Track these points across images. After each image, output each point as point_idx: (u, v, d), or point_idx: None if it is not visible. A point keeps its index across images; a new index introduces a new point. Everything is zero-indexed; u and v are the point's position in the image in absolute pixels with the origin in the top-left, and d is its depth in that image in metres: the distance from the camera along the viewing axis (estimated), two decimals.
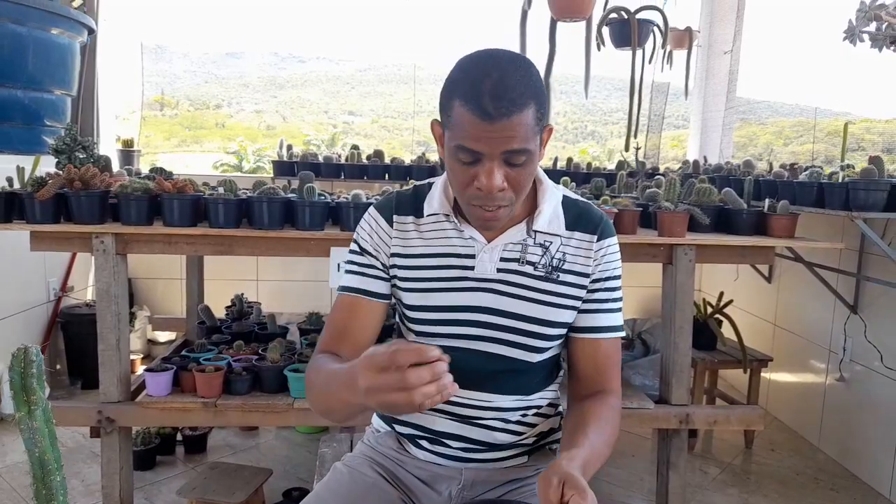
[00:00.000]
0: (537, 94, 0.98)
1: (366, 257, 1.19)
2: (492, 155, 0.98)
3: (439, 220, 1.18)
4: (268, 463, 2.68)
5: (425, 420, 1.21)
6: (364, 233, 1.21)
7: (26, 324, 3.29)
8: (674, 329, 2.25)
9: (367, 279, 1.18)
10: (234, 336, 2.63)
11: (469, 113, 0.96)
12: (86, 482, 2.53)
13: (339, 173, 3.71)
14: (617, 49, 3.20)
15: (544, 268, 1.15)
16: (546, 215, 1.15)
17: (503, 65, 0.97)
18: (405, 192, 1.23)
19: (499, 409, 1.18)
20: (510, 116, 0.95)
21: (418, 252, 1.17)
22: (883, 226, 2.59)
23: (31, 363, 0.59)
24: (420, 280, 1.16)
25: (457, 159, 1.02)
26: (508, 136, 0.96)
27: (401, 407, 0.82)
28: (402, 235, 1.19)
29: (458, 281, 1.15)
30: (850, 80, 3.82)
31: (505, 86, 0.95)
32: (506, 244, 1.15)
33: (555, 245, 1.16)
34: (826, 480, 2.80)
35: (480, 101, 0.95)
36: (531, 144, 0.99)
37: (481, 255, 1.14)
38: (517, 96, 0.95)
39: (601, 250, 1.16)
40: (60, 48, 3.47)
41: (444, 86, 1.02)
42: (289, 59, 10.59)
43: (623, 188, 2.94)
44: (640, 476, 2.77)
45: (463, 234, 1.15)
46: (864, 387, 2.82)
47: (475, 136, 0.97)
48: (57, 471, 0.62)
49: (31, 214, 2.06)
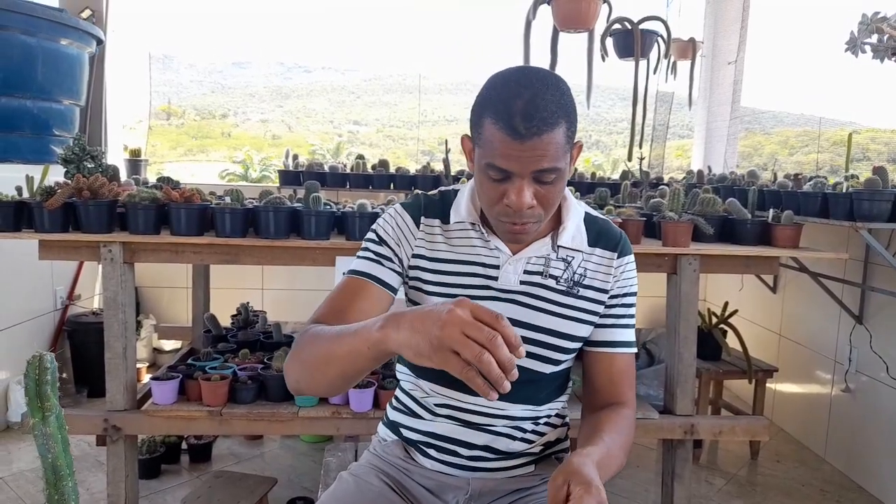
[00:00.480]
0: (568, 113, 0.99)
1: (384, 247, 1.18)
2: (522, 174, 0.99)
3: (465, 227, 1.18)
4: (272, 472, 2.68)
5: (435, 426, 1.21)
6: (387, 225, 1.20)
7: (33, 332, 3.31)
8: (678, 339, 2.25)
9: (381, 267, 1.16)
10: (240, 345, 2.64)
11: (500, 132, 0.96)
12: (91, 490, 2.54)
13: (344, 183, 3.73)
14: (621, 59, 3.22)
15: (566, 282, 1.17)
16: (570, 231, 1.17)
17: (535, 83, 0.97)
18: (432, 196, 1.23)
19: (509, 417, 1.19)
20: (541, 136, 0.95)
21: (444, 257, 1.18)
22: (888, 236, 2.59)
23: (46, 370, 0.60)
24: (443, 285, 1.17)
25: (487, 176, 1.03)
26: (539, 155, 0.97)
27: (452, 363, 0.76)
28: (429, 238, 1.19)
29: (482, 290, 1.16)
30: (855, 91, 3.85)
31: (536, 105, 0.95)
32: (530, 257, 1.16)
33: (577, 260, 1.18)
34: (832, 492, 2.78)
35: (512, 121, 0.95)
36: (561, 163, 1.00)
37: (506, 267, 1.16)
38: (548, 115, 0.95)
39: (621, 267, 1.20)
40: (69, 59, 3.51)
41: (476, 101, 1.03)
42: (295, 69, 10.65)
43: (627, 198, 2.95)
44: (645, 487, 2.76)
45: (489, 245, 1.16)
46: (869, 398, 2.81)
47: (505, 155, 0.98)
48: (69, 476, 0.63)
49: (40, 223, 2.08)
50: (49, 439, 0.61)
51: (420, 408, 1.24)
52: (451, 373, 0.77)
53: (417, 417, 1.24)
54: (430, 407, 1.22)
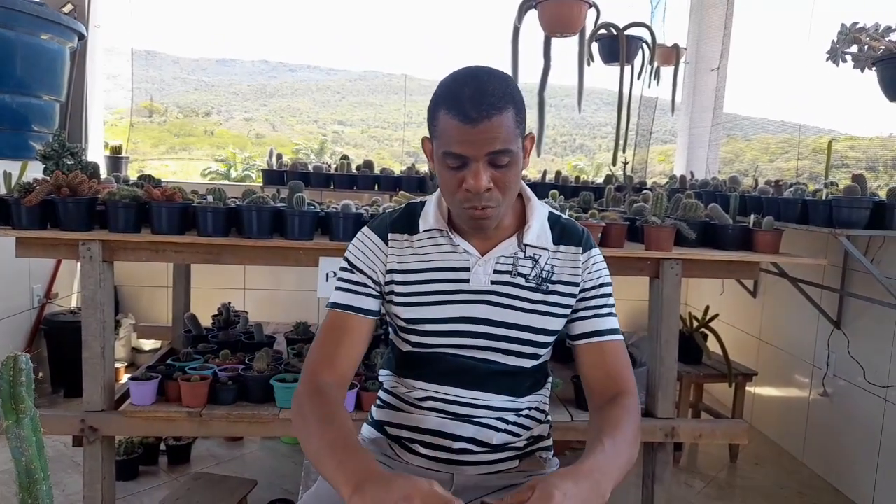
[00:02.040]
0: (515, 101, 1.06)
1: (356, 275, 1.22)
2: (477, 156, 1.05)
3: (433, 235, 1.23)
4: (252, 474, 2.65)
5: (421, 419, 1.23)
6: (357, 251, 1.24)
7: (9, 331, 3.25)
8: (660, 342, 2.27)
9: (358, 296, 1.22)
10: (221, 345, 2.61)
11: (452, 119, 1.04)
12: (66, 492, 2.50)
13: (328, 183, 3.71)
14: (606, 64, 3.24)
15: (535, 279, 1.21)
16: (535, 230, 1.22)
17: (480, 75, 1.06)
18: (397, 211, 1.28)
19: (492, 407, 1.22)
20: (491, 118, 1.02)
21: (414, 267, 1.21)
22: (866, 243, 2.63)
23: (21, 371, 0.59)
24: (416, 294, 1.20)
25: (445, 166, 1.09)
26: (491, 137, 1.03)
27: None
28: (399, 252, 1.23)
29: (454, 294, 1.20)
30: (835, 99, 3.89)
31: (483, 91, 1.03)
32: (498, 257, 1.20)
33: (543, 258, 1.22)
34: (810, 495, 2.82)
35: (463, 108, 1.03)
36: (513, 146, 1.06)
37: (476, 269, 1.20)
38: (496, 100, 1.03)
39: (589, 260, 1.24)
40: (50, 53, 3.46)
41: (430, 102, 1.10)
42: (279, 68, 10.58)
43: (611, 202, 2.96)
44: (626, 489, 2.78)
45: (458, 249, 1.21)
46: (847, 402, 2.84)
47: (460, 140, 1.04)
48: (44, 480, 0.62)
49: (18, 220, 2.04)
50: (23, 442, 0.60)
51: (405, 403, 1.26)
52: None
53: (403, 412, 1.26)
54: (414, 402, 1.25)
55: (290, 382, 2.18)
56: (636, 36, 3.15)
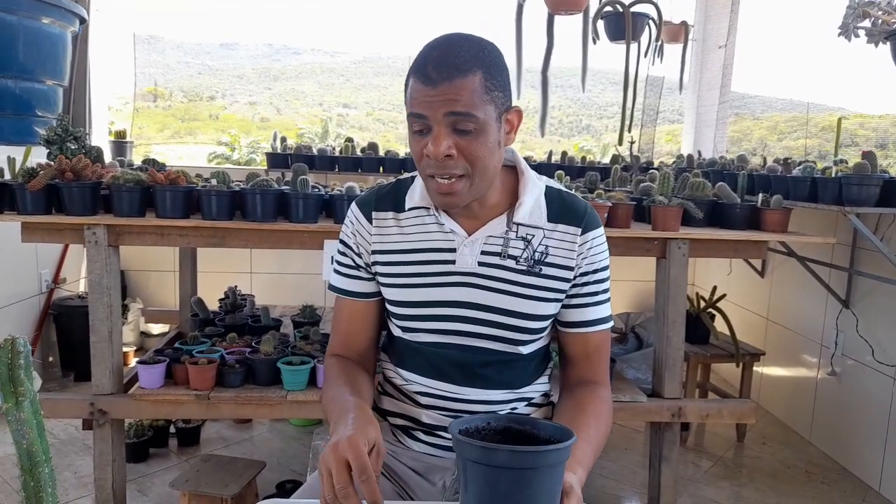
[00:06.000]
0: (487, 65, 1.01)
1: (348, 256, 1.21)
2: (436, 118, 1.00)
3: (420, 214, 1.17)
4: (261, 455, 2.68)
5: (417, 414, 1.21)
6: (347, 228, 1.22)
7: (18, 315, 3.27)
8: (667, 323, 2.26)
9: (350, 280, 1.21)
10: (228, 328, 2.62)
11: (416, 82, 1.01)
12: (78, 474, 2.53)
13: (333, 166, 3.70)
14: (612, 42, 3.19)
15: (526, 261, 1.13)
16: (527, 207, 1.13)
17: (453, 39, 1.03)
18: (385, 187, 1.22)
19: (489, 402, 1.18)
20: (452, 80, 0.98)
21: (398, 248, 1.17)
22: (875, 221, 2.60)
23: (19, 354, 0.59)
24: (401, 276, 1.16)
25: (412, 132, 1.05)
26: (451, 98, 0.99)
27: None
28: (382, 231, 1.18)
29: (440, 276, 1.14)
30: (844, 76, 3.84)
31: (448, 53, 1.00)
32: (487, 237, 1.13)
33: (537, 238, 1.14)
34: (817, 474, 2.82)
35: (426, 69, 1.00)
36: (479, 112, 1.00)
37: (462, 249, 1.13)
38: (461, 62, 0.99)
39: (586, 243, 1.15)
40: (51, 38, 3.44)
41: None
42: (283, 51, 10.51)
43: (617, 182, 2.94)
44: (633, 469, 2.79)
45: (444, 228, 1.14)
46: (855, 381, 2.83)
47: (419, 101, 1.01)
48: (45, 462, 0.62)
49: (23, 205, 2.04)
50: (23, 425, 0.60)
51: (402, 395, 1.23)
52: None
53: (401, 403, 1.24)
54: (411, 394, 1.22)
55: (297, 365, 2.19)
56: (642, 13, 3.11)
